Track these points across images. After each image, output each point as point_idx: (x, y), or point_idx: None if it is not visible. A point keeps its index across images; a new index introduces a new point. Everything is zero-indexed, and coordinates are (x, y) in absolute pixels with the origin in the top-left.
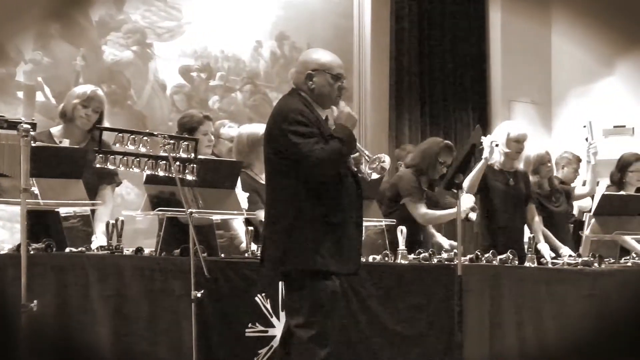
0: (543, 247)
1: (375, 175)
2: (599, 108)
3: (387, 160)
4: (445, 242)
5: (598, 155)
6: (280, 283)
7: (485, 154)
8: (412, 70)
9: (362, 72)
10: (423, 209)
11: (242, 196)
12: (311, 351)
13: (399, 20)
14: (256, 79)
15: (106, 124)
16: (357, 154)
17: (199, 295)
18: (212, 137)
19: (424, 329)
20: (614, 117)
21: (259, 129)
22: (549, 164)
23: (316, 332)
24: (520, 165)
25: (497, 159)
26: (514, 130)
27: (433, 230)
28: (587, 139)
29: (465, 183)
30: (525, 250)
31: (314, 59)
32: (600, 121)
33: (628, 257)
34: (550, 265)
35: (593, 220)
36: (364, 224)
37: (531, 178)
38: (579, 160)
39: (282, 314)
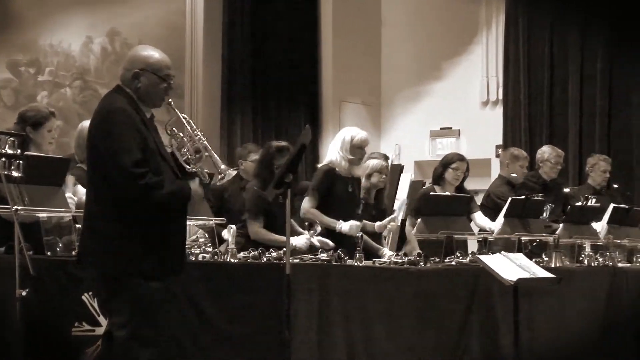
0: None
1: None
2: (427, 110)
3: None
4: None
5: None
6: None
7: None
8: (244, 70)
9: (194, 70)
10: (255, 227)
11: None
12: (132, 352)
13: (231, 19)
14: (86, 75)
15: None
16: (206, 153)
17: (24, 294)
18: (56, 135)
19: (254, 328)
20: (441, 119)
21: None
22: (383, 176)
23: (137, 332)
24: (359, 172)
25: (341, 164)
26: (356, 137)
27: None
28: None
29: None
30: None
31: (142, 57)
32: (427, 123)
33: (452, 257)
34: (377, 264)
35: (419, 220)
36: (196, 222)
37: (363, 181)
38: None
39: None
